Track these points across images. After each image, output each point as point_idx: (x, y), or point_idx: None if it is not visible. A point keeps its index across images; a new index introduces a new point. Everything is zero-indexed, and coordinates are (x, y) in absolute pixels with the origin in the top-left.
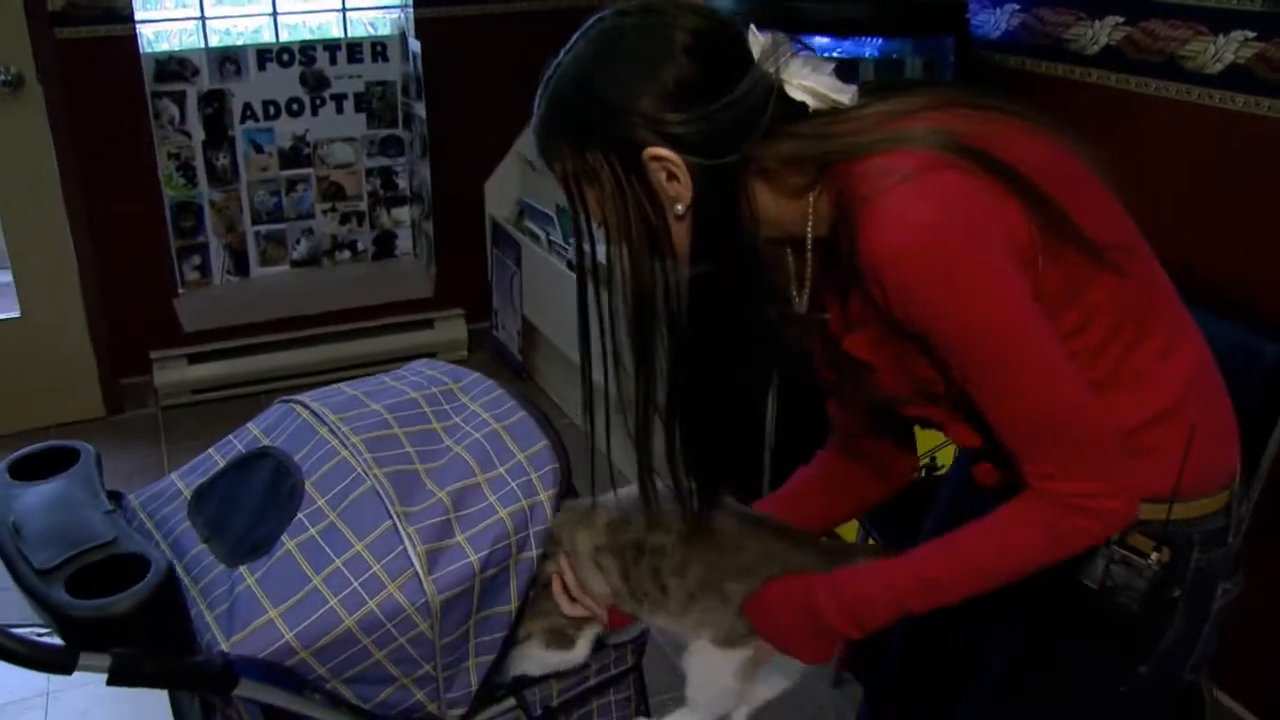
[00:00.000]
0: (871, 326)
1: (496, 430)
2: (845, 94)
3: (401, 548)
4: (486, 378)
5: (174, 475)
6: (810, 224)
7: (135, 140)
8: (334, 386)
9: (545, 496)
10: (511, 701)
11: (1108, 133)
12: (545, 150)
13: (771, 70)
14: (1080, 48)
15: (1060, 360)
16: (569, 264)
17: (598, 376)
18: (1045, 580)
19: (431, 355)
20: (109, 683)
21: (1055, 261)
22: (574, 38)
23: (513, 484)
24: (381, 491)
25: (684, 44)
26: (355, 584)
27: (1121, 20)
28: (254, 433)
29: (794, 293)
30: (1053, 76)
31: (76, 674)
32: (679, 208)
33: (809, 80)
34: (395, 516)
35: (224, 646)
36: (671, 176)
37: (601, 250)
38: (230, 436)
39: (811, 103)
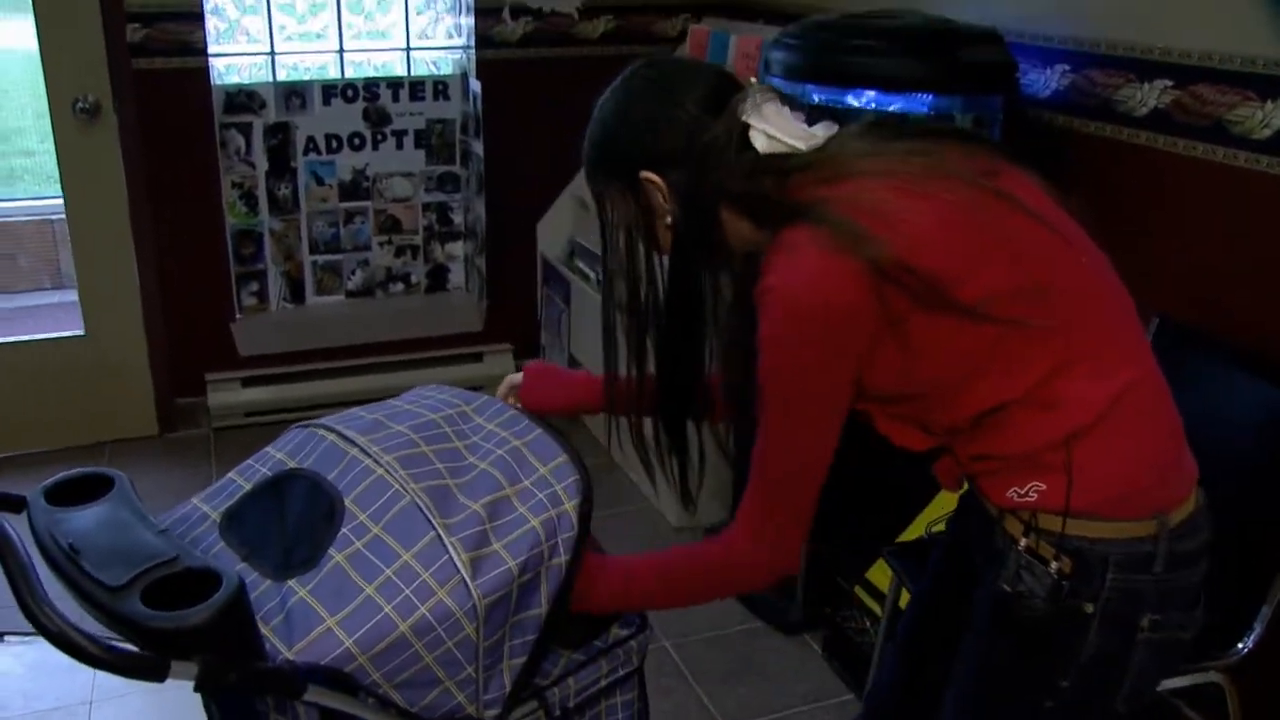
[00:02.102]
0: None
1: (517, 446)
2: (804, 140)
3: (447, 556)
4: (496, 399)
5: (195, 500)
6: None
7: (202, 168)
8: (350, 412)
9: (570, 506)
10: (534, 703)
11: (1155, 195)
12: (585, 170)
13: (742, 115)
14: (1129, 109)
15: (818, 444)
16: None
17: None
18: (987, 587)
19: (479, 388)
20: (196, 689)
21: (921, 318)
22: (614, 82)
23: (540, 495)
24: (421, 505)
25: (691, 105)
26: (407, 591)
27: (1170, 84)
28: (277, 456)
29: None
30: (1100, 137)
31: (115, 687)
32: (668, 219)
33: (770, 126)
34: (438, 528)
35: (288, 655)
36: (664, 197)
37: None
38: (250, 461)
39: (763, 146)
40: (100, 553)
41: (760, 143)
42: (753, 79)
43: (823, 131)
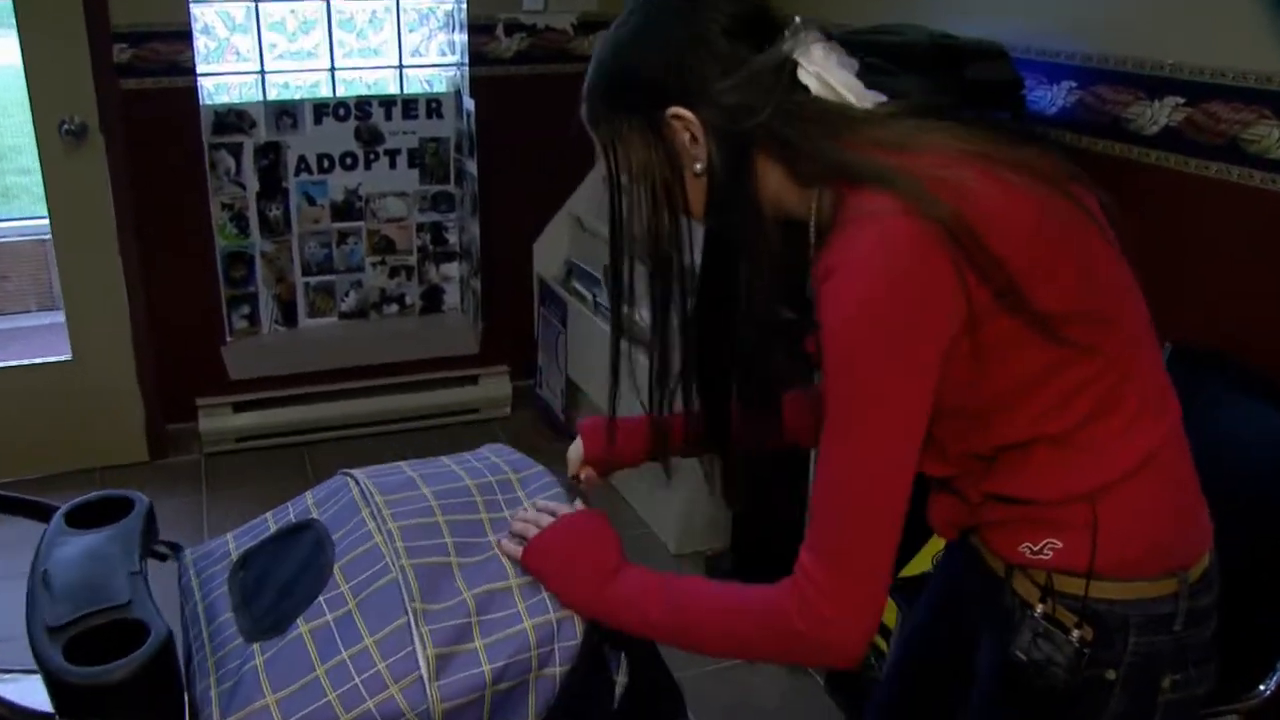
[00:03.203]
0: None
1: None
2: (855, 95)
3: (411, 648)
4: (550, 472)
5: (229, 536)
6: (813, 214)
7: (191, 190)
8: (395, 465)
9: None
10: None
11: (1167, 215)
12: (588, 112)
13: (790, 52)
14: (1139, 127)
15: (896, 454)
16: None
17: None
18: (996, 652)
19: (474, 411)
20: None
21: (997, 323)
22: (626, 10)
23: (545, 594)
24: (404, 585)
25: (721, 27)
26: (357, 680)
27: (1182, 101)
28: (308, 502)
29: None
30: (1110, 155)
31: None
32: (697, 166)
33: (822, 69)
34: (411, 613)
35: None
36: (693, 139)
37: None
38: (287, 504)
39: (815, 87)
40: (65, 585)
41: (812, 85)
42: (797, 16)
43: (873, 96)
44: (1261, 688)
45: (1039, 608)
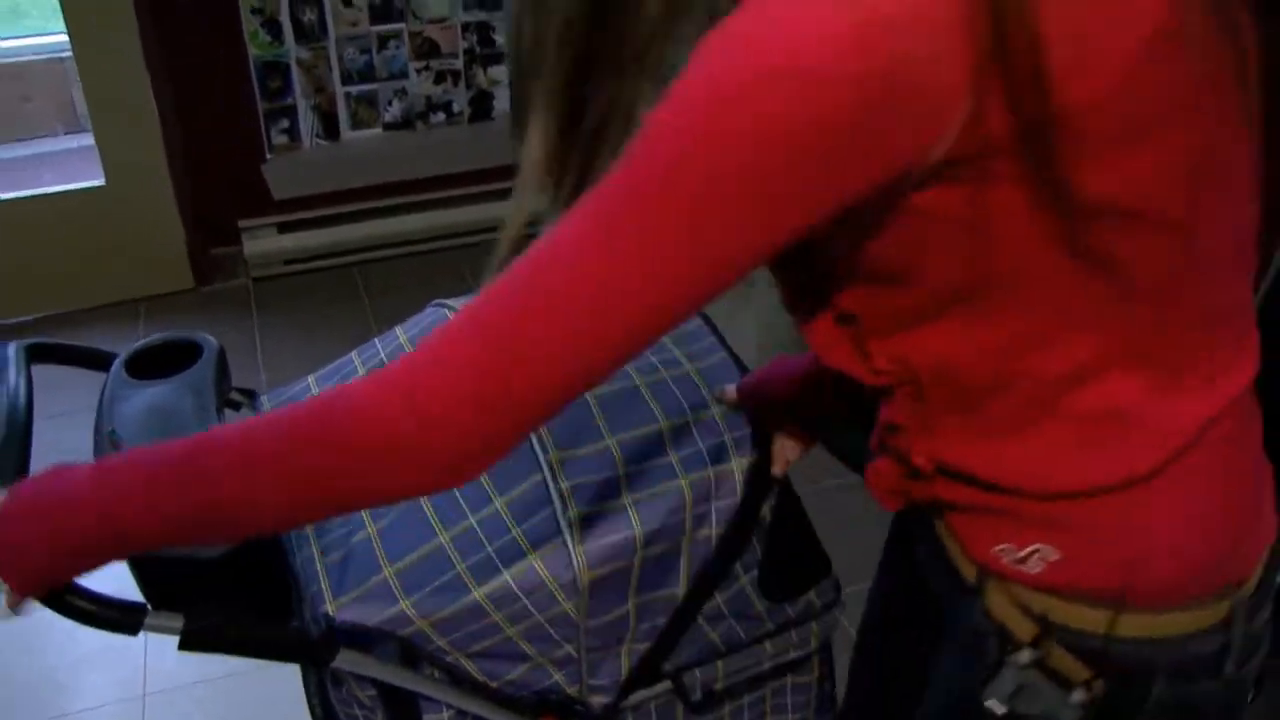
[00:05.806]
0: None
1: (689, 373)
2: None
3: (550, 510)
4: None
5: (311, 379)
6: None
7: None
8: None
9: (737, 465)
10: (667, 684)
11: None
12: None
13: None
14: None
15: (668, 307)
16: None
17: None
18: (960, 681)
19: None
20: (180, 648)
21: (994, 189)
22: None
23: (701, 445)
24: (534, 435)
25: None
26: (489, 549)
27: None
28: (400, 339)
29: None
30: None
31: None
32: None
33: None
34: (547, 466)
35: (329, 608)
36: None
37: None
38: (374, 340)
39: None
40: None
41: None
42: None
43: None
44: None
45: (1026, 653)
